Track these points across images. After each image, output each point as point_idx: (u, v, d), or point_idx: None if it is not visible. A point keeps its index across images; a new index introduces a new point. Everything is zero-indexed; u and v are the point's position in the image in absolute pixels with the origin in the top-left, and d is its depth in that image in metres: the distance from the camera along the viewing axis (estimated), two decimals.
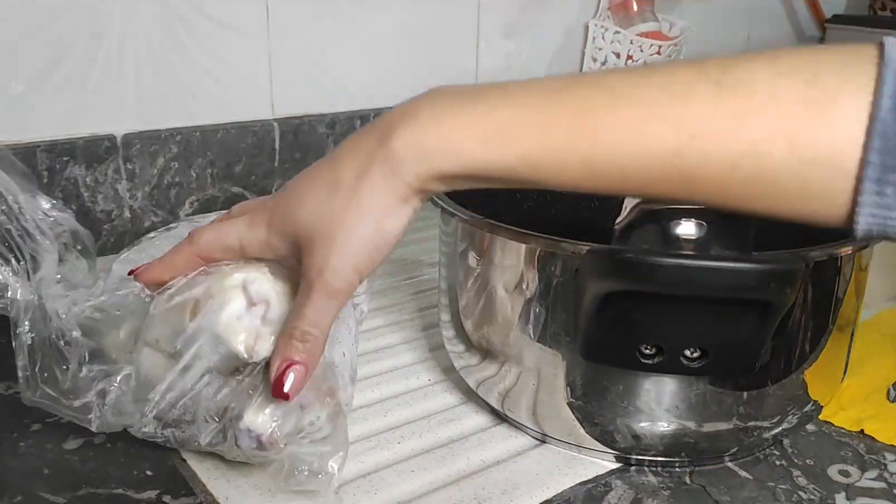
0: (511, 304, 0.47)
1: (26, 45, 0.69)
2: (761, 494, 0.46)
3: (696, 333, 0.41)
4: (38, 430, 0.49)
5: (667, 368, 0.42)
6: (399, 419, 0.52)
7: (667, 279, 0.38)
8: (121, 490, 0.44)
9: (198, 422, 0.43)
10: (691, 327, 0.41)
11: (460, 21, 0.93)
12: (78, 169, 0.73)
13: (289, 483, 0.42)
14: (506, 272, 0.46)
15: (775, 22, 1.25)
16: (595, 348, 0.43)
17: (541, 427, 0.49)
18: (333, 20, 0.84)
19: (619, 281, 0.40)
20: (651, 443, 0.47)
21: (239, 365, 0.43)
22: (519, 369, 0.48)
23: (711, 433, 0.46)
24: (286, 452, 0.42)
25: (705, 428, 0.46)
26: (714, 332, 0.41)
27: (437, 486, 0.46)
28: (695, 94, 0.34)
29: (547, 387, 0.47)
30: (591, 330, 0.42)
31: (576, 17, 1.03)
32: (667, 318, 0.41)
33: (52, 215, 0.46)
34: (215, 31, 0.79)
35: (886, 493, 0.46)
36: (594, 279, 0.41)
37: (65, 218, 0.47)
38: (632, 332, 0.41)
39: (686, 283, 0.38)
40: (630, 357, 0.42)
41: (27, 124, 0.71)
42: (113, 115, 0.75)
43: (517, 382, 0.48)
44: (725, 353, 0.42)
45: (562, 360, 0.45)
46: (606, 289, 0.40)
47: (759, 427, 0.47)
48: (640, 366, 0.42)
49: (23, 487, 0.44)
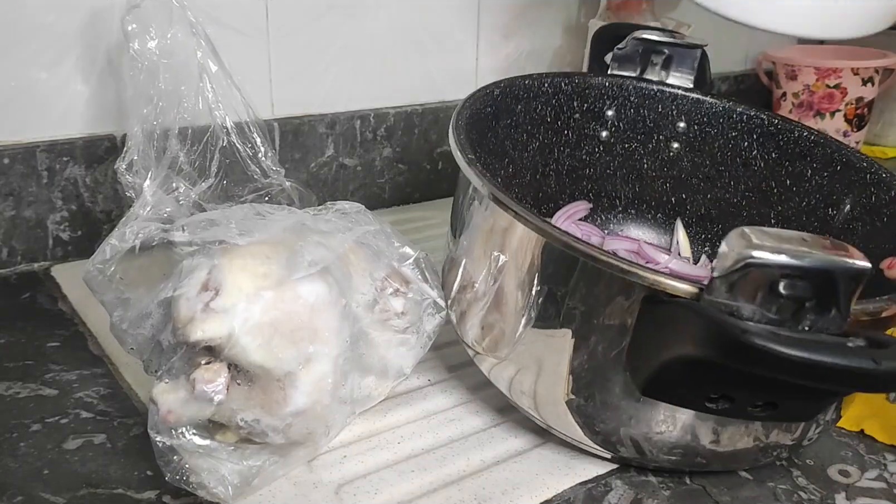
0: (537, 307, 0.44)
1: (27, 45, 0.69)
2: (761, 494, 0.46)
3: (773, 391, 0.38)
4: (38, 430, 0.49)
5: (729, 414, 0.40)
6: (399, 419, 0.52)
7: (790, 371, 0.34)
8: (121, 490, 0.44)
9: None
10: (770, 387, 0.38)
11: (460, 21, 0.93)
12: (78, 169, 0.73)
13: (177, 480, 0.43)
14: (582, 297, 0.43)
15: None
16: (659, 390, 0.40)
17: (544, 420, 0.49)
18: (333, 20, 0.84)
19: (729, 360, 0.35)
20: (656, 459, 0.46)
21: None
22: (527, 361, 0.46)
23: (727, 453, 0.45)
24: (181, 444, 0.43)
25: (721, 447, 0.44)
26: (792, 392, 0.38)
27: (437, 486, 0.46)
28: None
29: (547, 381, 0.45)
30: (660, 375, 0.39)
31: (576, 16, 1.03)
32: (747, 378, 0.37)
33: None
34: (215, 31, 0.78)
35: (886, 493, 0.46)
36: (689, 342, 0.36)
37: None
38: (706, 385, 0.38)
39: (815, 379, 0.34)
40: (695, 402, 0.39)
41: (27, 124, 0.71)
42: (113, 115, 0.75)
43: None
44: (794, 408, 0.39)
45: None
46: (705, 357, 0.36)
47: (780, 445, 0.46)
48: (703, 409, 0.39)
49: (23, 487, 0.44)
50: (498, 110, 0.56)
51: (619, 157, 0.65)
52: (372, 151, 0.89)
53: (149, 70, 0.53)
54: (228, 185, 0.54)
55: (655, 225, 0.68)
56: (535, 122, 0.60)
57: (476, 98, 0.54)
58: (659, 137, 0.64)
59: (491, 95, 0.56)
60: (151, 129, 0.52)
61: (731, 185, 0.64)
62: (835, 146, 0.58)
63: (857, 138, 1.15)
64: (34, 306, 0.65)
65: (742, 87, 1.22)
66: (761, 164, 0.62)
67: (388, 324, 0.51)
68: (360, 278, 0.49)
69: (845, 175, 0.56)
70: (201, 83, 0.54)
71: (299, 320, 0.44)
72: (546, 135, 0.62)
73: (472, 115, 0.52)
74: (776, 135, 0.61)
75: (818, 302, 0.35)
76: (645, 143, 0.64)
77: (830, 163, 0.58)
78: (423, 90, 0.92)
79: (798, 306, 0.35)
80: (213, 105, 0.54)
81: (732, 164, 0.63)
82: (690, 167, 0.64)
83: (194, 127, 0.54)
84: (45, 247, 0.73)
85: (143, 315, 0.45)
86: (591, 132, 0.64)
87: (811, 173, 0.59)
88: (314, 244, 0.47)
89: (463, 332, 0.51)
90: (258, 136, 0.56)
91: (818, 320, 0.35)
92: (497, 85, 0.57)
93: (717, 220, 0.65)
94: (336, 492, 0.45)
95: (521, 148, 0.60)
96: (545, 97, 0.60)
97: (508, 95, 0.57)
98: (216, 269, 0.43)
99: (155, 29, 0.54)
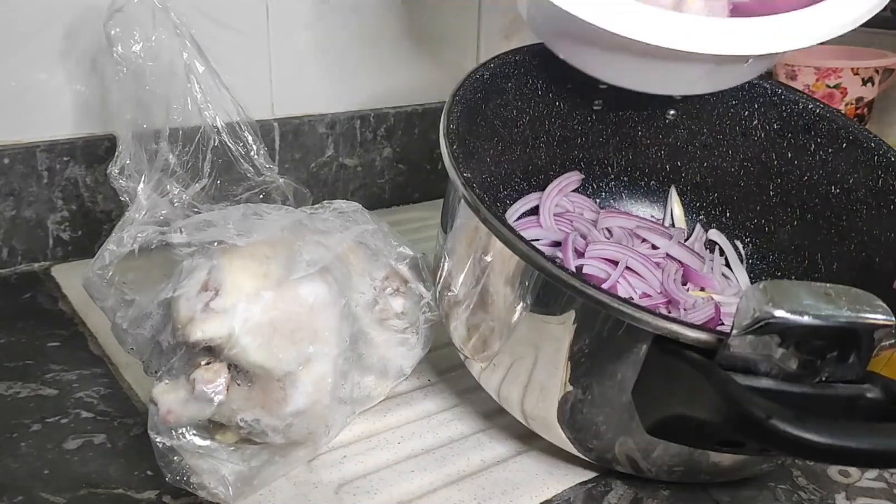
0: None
1: (27, 45, 0.69)
2: (761, 494, 0.46)
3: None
4: (38, 430, 0.49)
5: (741, 453, 0.39)
6: (399, 419, 0.52)
7: (815, 455, 0.33)
8: (121, 490, 0.44)
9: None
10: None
11: (460, 21, 0.93)
12: (78, 169, 0.73)
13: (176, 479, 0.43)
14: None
15: None
16: (667, 434, 0.39)
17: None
18: (333, 20, 0.84)
19: (748, 438, 0.34)
20: (656, 476, 0.45)
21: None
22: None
23: (733, 467, 0.44)
24: (181, 444, 0.43)
25: (726, 463, 0.43)
26: None
27: (437, 487, 0.46)
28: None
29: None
30: (670, 423, 0.38)
31: None
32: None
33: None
34: (215, 31, 0.78)
35: (886, 493, 0.46)
36: (706, 409, 0.35)
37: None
38: (716, 435, 0.37)
39: (836, 460, 0.34)
40: (705, 446, 0.38)
41: (27, 124, 0.71)
42: (113, 115, 0.75)
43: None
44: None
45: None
46: (724, 428, 0.35)
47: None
48: (712, 449, 0.39)
49: (23, 487, 0.44)
50: (488, 93, 0.54)
51: (613, 125, 0.62)
52: (372, 151, 0.89)
53: (134, 73, 0.53)
54: (222, 185, 0.54)
55: (649, 193, 0.66)
56: (525, 98, 0.58)
57: (466, 88, 0.52)
58: (655, 104, 0.61)
59: (481, 80, 0.53)
60: (141, 132, 0.52)
61: (728, 154, 0.61)
62: (842, 121, 0.55)
63: None
64: (34, 306, 0.65)
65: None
66: (762, 134, 0.59)
67: (388, 323, 0.51)
68: (359, 278, 0.49)
69: (851, 153, 0.54)
70: (189, 84, 0.54)
71: (299, 320, 0.44)
72: (537, 108, 0.59)
73: (462, 109, 0.50)
74: (779, 105, 0.58)
75: (838, 355, 0.34)
76: (640, 110, 0.61)
77: (836, 139, 0.55)
78: (423, 90, 0.92)
79: (814, 362, 0.35)
80: (202, 105, 0.54)
81: (731, 133, 0.60)
82: (687, 135, 0.62)
83: (185, 128, 0.54)
84: (45, 247, 0.73)
85: (143, 315, 0.45)
86: (583, 102, 0.61)
87: (815, 147, 0.56)
88: (312, 243, 0.47)
89: (452, 335, 0.51)
90: (249, 135, 0.55)
91: (836, 370, 0.35)
92: (486, 67, 0.54)
93: (713, 188, 0.63)
94: (336, 492, 0.45)
95: (511, 125, 0.58)
96: (536, 70, 0.58)
97: (499, 76, 0.55)
98: (216, 269, 0.43)
99: (139, 32, 0.53)
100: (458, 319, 0.49)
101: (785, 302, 0.33)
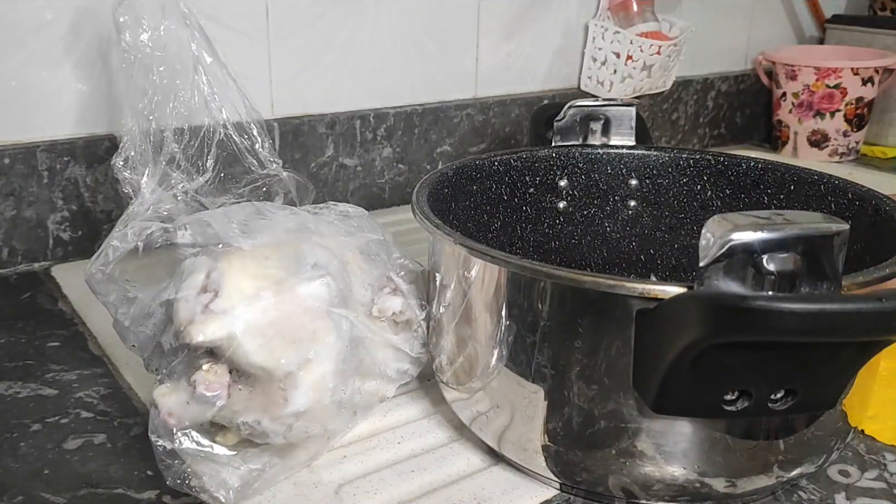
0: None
1: (27, 45, 0.70)
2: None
3: (790, 375, 0.37)
4: (38, 430, 0.49)
5: (750, 414, 0.38)
6: (399, 419, 0.52)
7: (800, 328, 0.34)
8: (121, 490, 0.44)
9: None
10: (786, 369, 0.37)
11: (460, 21, 0.93)
12: (78, 169, 0.73)
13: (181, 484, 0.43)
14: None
15: (775, 22, 1.25)
16: (673, 401, 0.39)
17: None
18: (333, 20, 0.84)
19: (734, 332, 0.35)
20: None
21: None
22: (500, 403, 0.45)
23: (745, 493, 0.43)
24: (181, 448, 0.43)
25: (738, 487, 0.43)
26: (809, 371, 0.37)
27: (437, 487, 0.46)
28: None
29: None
30: (671, 382, 0.38)
31: (576, 17, 1.03)
32: (761, 362, 0.36)
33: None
34: (215, 31, 0.78)
35: (886, 493, 0.46)
36: (691, 328, 0.36)
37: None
38: (719, 381, 0.37)
39: (821, 331, 0.34)
40: (713, 407, 0.38)
41: (27, 124, 0.71)
42: (113, 115, 0.75)
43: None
44: (815, 391, 0.38)
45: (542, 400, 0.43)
46: (712, 340, 0.35)
47: (802, 474, 0.45)
48: (723, 414, 0.38)
49: (23, 487, 0.44)
50: (455, 191, 0.57)
51: (581, 224, 0.64)
52: (372, 151, 0.89)
53: (142, 63, 0.53)
54: (226, 179, 0.54)
55: None
56: (492, 202, 0.61)
57: (431, 180, 0.54)
58: (615, 198, 0.64)
59: (445, 177, 0.56)
60: (147, 123, 0.51)
61: (694, 231, 0.63)
62: (783, 168, 0.58)
63: (857, 138, 1.15)
64: (34, 306, 0.65)
65: (742, 86, 1.22)
66: (718, 203, 0.62)
67: (387, 325, 0.51)
68: (358, 281, 0.49)
69: (800, 192, 0.57)
70: (196, 76, 0.54)
71: (299, 321, 0.44)
72: (506, 213, 0.62)
73: (430, 193, 0.52)
74: (725, 171, 0.61)
75: (808, 272, 0.36)
76: (602, 206, 0.64)
77: (783, 184, 0.58)
78: (423, 90, 0.92)
79: (790, 282, 0.36)
80: (208, 98, 0.54)
81: (691, 210, 0.63)
82: (651, 222, 0.64)
83: (191, 121, 0.53)
84: (45, 247, 0.73)
85: (145, 314, 0.45)
86: (548, 204, 0.63)
87: (768, 199, 0.59)
88: (316, 247, 0.47)
89: (433, 350, 0.51)
90: (255, 127, 0.55)
91: (813, 291, 0.36)
92: (450, 167, 0.57)
93: (689, 268, 0.64)
94: (336, 492, 0.45)
95: (484, 229, 0.60)
96: (497, 176, 0.61)
97: (462, 176, 0.58)
98: (215, 270, 0.43)
99: (147, 21, 0.53)
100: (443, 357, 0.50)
101: (743, 225, 0.35)
